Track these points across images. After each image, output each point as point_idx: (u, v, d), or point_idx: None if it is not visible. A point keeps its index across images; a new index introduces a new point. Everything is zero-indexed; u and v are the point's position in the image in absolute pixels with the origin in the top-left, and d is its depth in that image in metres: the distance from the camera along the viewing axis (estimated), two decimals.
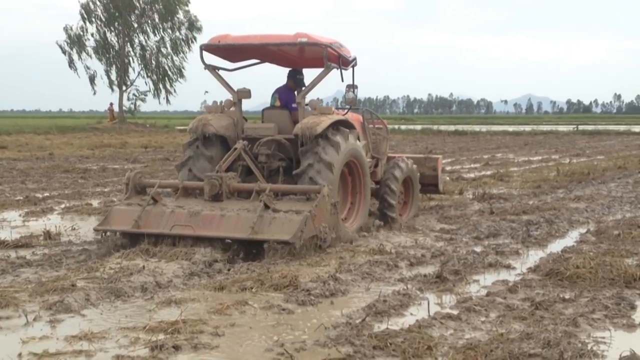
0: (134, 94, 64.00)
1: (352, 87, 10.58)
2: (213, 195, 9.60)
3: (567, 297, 6.97)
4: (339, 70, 10.47)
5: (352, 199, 10.73)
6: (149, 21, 62.89)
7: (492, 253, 9.15)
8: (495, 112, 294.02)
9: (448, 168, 22.44)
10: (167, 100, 64.38)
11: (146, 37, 63.51)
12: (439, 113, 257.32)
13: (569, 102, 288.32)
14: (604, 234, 10.47)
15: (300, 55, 11.12)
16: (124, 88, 62.66)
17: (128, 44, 62.91)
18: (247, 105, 11.15)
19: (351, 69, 10.69)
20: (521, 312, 6.45)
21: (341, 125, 10.28)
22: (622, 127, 66.21)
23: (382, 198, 11.52)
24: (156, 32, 63.29)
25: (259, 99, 11.93)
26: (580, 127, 65.64)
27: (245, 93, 10.86)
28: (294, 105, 10.75)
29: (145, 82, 64.19)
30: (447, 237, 10.50)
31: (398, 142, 41.82)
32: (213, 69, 10.85)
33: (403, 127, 65.92)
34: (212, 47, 10.65)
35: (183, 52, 63.52)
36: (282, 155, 10.43)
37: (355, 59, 10.71)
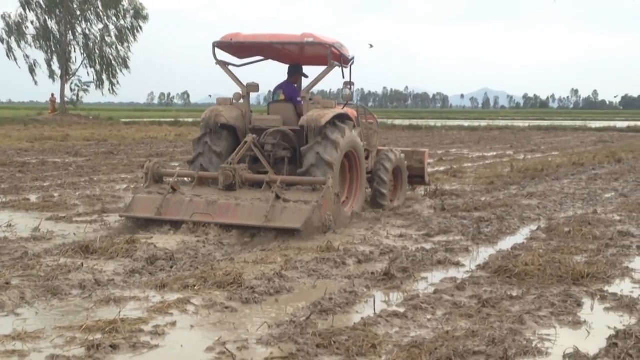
0: (76, 85, 63.40)
1: (349, 84, 11.96)
2: (227, 185, 10.74)
3: (514, 294, 7.11)
4: (341, 68, 11.77)
5: (350, 186, 12.14)
6: (93, 8, 62.26)
7: (441, 250, 9.29)
8: (451, 106, 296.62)
9: None
10: (111, 92, 63.87)
11: (89, 26, 62.91)
12: (394, 107, 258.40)
13: (525, 97, 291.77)
14: (554, 230, 10.67)
15: (303, 54, 12.55)
16: (66, 78, 61.94)
17: (70, 32, 62.18)
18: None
19: (349, 67, 12.06)
20: (468, 310, 6.57)
21: (341, 119, 11.60)
22: (578, 123, 67.35)
23: (374, 188, 12.99)
24: (100, 20, 62.70)
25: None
26: (536, 123, 66.49)
27: (254, 87, 12.04)
28: (298, 99, 12.04)
29: (88, 73, 63.65)
30: (397, 233, 10.61)
31: None
32: (224, 65, 12.07)
33: None
34: (224, 45, 11.92)
35: (128, 42, 63.06)
36: (286, 145, 11.71)
37: (353, 57, 12.16)
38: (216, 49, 11.84)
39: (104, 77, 63.19)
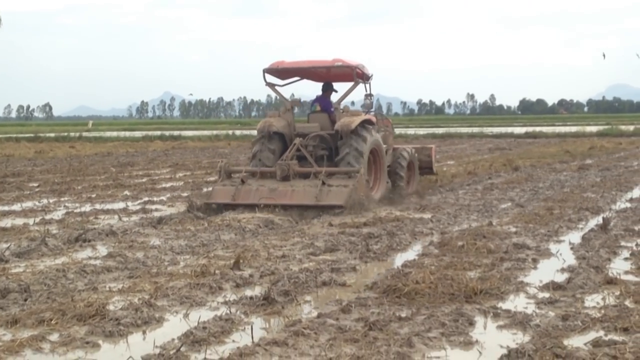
0: None
1: (369, 96, 16.70)
2: (283, 176, 15.20)
3: (403, 315, 7.21)
4: (364, 84, 16.53)
5: (375, 175, 16.69)
6: None
7: (327, 270, 9.34)
8: None
9: None
10: None
11: None
12: None
13: (420, 103, 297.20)
14: (447, 245, 10.86)
15: (333, 74, 17.09)
16: None
17: None
18: None
19: (369, 82, 16.76)
20: (353, 334, 6.61)
21: (367, 123, 16.12)
22: (474, 129, 68.85)
23: (393, 180, 17.36)
24: None
25: None
26: (431, 130, 67.79)
27: (296, 102, 17.31)
28: (332, 109, 16.65)
29: None
30: (279, 254, 10.56)
31: (233, 149, 41.95)
32: (272, 86, 16.92)
33: (238, 132, 66.00)
34: (272, 70, 16.61)
35: None
36: (324, 145, 16.31)
37: (372, 75, 16.88)
38: (266, 74, 16.47)
39: None
